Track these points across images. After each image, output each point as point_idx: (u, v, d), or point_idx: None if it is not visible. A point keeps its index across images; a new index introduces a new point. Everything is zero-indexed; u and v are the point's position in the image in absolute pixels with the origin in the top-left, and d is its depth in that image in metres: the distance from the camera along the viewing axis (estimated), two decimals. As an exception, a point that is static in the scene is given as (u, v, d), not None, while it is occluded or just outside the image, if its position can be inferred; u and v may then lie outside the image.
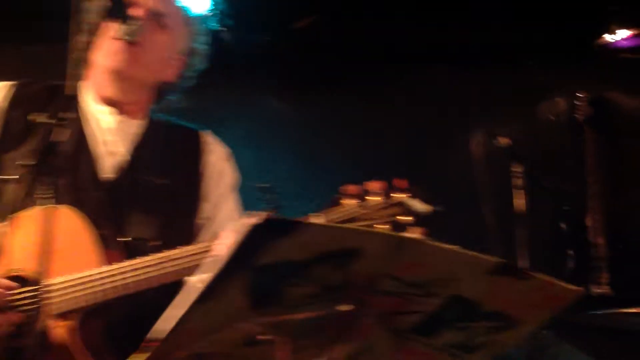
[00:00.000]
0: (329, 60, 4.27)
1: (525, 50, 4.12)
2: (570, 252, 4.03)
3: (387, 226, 1.57)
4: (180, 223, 2.00)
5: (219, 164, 2.14)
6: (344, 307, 1.42)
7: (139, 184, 1.95)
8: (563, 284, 1.47)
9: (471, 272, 1.41)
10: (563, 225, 4.08)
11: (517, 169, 2.12)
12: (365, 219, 1.59)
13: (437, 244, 1.36)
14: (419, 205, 1.56)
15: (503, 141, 2.16)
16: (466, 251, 1.37)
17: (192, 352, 1.41)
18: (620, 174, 4.23)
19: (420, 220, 1.59)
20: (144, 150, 2.03)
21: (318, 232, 1.22)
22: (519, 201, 2.08)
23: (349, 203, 1.61)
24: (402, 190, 1.61)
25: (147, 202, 1.92)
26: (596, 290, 3.98)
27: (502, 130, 4.46)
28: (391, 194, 1.61)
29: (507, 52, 4.16)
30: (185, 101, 4.33)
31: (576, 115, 4.17)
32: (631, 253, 4.04)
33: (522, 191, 2.09)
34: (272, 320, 1.35)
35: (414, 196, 1.59)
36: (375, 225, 1.56)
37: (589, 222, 4.02)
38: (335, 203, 1.62)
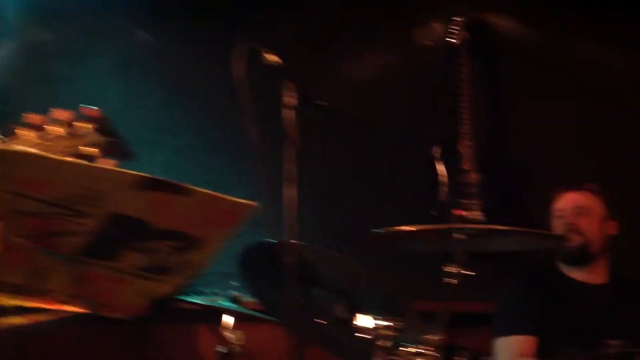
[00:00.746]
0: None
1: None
2: (443, 178, 3.98)
3: (70, 158, 1.45)
4: None
5: None
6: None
7: None
8: (233, 198, 1.39)
9: (116, 188, 1.33)
10: (437, 153, 4.02)
11: (287, 87, 2.02)
12: (44, 151, 1.47)
13: (57, 158, 1.27)
14: (95, 137, 1.45)
15: (270, 58, 2.04)
16: (101, 166, 1.29)
17: None
18: (497, 98, 4.16)
19: (114, 151, 1.47)
20: None
21: None
22: (289, 121, 1.99)
23: (25, 133, 1.48)
24: (90, 120, 1.50)
25: None
26: (468, 216, 3.95)
27: (377, 61, 4.40)
28: (74, 124, 1.49)
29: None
30: (46, 33, 4.20)
31: (452, 40, 4.07)
32: (503, 179, 4.00)
33: (293, 111, 2.00)
34: None
35: (101, 127, 1.48)
36: (55, 157, 1.43)
37: (461, 148, 3.96)
38: (11, 133, 1.49)
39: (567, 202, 3.39)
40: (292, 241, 2.13)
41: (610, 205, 3.41)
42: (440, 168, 4.09)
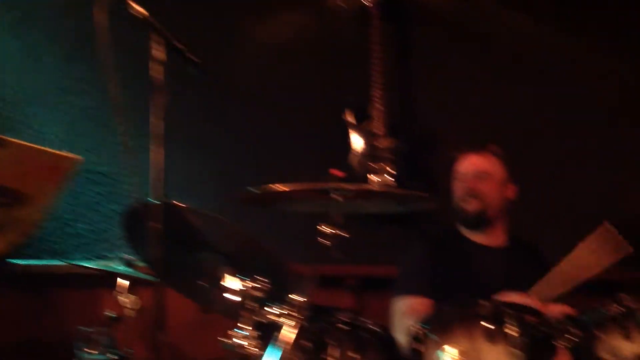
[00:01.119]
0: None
1: None
2: (356, 144, 3.96)
3: None
4: None
5: None
6: None
7: None
8: (55, 151, 1.33)
9: None
10: (348, 116, 4.00)
11: (156, 40, 1.95)
12: None
13: None
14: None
15: (137, 10, 1.96)
16: None
17: None
18: (410, 64, 4.14)
19: None
20: None
21: None
22: (156, 73, 1.92)
23: None
24: None
25: None
26: (377, 180, 3.93)
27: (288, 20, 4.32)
28: None
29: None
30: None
31: (364, 2, 4.02)
32: (416, 144, 4.00)
33: (160, 64, 1.93)
34: None
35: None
36: None
37: (372, 112, 3.93)
38: None
39: (468, 165, 3.39)
40: (165, 201, 2.08)
41: (511, 168, 3.44)
42: (352, 132, 4.07)
